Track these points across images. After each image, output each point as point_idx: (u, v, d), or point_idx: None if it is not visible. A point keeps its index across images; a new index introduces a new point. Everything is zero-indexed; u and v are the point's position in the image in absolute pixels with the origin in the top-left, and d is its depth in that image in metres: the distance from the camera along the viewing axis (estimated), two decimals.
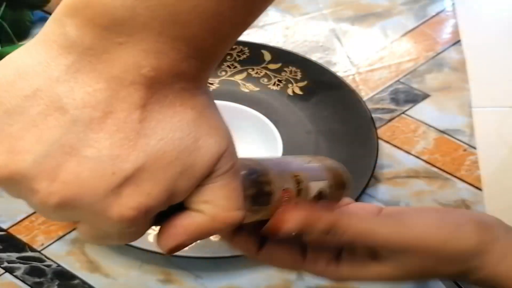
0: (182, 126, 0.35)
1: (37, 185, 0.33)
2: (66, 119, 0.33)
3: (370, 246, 0.46)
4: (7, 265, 0.66)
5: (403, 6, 0.93)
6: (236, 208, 0.37)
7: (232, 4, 0.33)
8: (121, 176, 0.33)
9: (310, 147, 0.75)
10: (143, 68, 0.33)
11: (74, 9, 0.33)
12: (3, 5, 0.84)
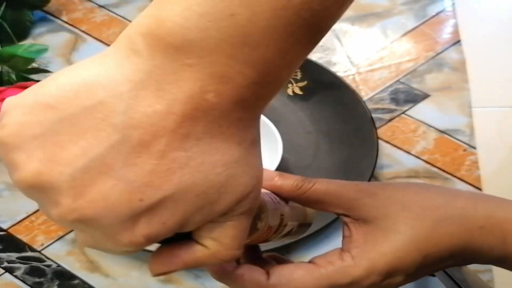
0: (223, 162, 0.34)
1: (62, 199, 0.33)
2: (116, 138, 0.33)
3: None
4: (7, 265, 0.66)
5: (403, 6, 0.93)
6: (238, 248, 0.37)
7: (303, 23, 0.33)
8: (147, 204, 0.33)
9: (310, 147, 0.75)
10: (208, 93, 0.33)
11: (147, 27, 0.33)
12: (3, 5, 0.84)
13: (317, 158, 0.74)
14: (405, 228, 0.45)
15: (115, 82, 0.33)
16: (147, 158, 0.33)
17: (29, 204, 0.71)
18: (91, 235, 0.36)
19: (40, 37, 0.87)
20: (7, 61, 0.77)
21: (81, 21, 0.89)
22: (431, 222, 0.45)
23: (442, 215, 0.46)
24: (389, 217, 0.45)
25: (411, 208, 0.46)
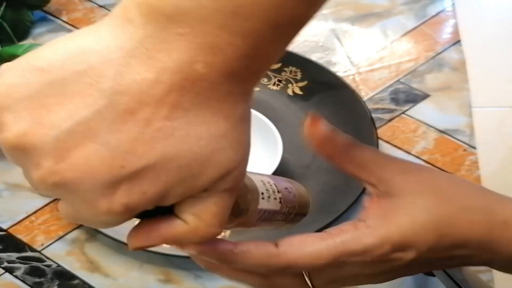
0: (209, 135, 0.34)
1: (44, 161, 0.33)
2: (102, 103, 0.33)
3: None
4: (7, 265, 0.66)
5: (403, 6, 0.93)
6: (219, 225, 0.37)
7: None
8: (128, 171, 0.33)
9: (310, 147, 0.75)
10: (197, 63, 0.33)
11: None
12: (3, 5, 0.84)
13: (317, 158, 0.74)
14: (428, 206, 0.44)
15: (107, 49, 0.33)
16: (132, 125, 0.33)
17: (29, 204, 0.71)
18: (71, 203, 0.35)
19: (40, 37, 0.87)
20: (7, 61, 0.76)
21: (81, 21, 0.89)
22: (455, 206, 0.45)
23: (468, 203, 0.45)
24: (415, 194, 0.44)
25: (441, 191, 0.45)
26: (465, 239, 0.45)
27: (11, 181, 0.73)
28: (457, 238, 0.45)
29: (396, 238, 0.43)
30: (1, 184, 0.73)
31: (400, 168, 0.46)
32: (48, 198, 0.71)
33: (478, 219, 0.45)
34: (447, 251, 0.45)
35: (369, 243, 0.42)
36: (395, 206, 0.44)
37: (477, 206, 0.45)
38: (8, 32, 0.83)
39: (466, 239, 0.45)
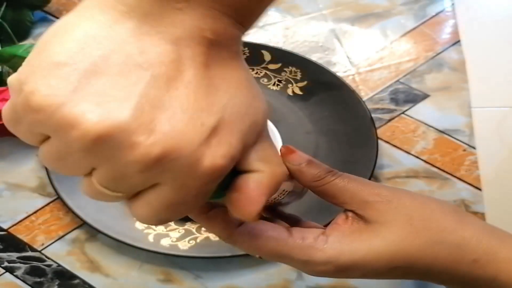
0: (243, 84, 0.37)
1: (137, 138, 0.33)
2: (147, 75, 0.33)
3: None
4: (8, 265, 0.66)
5: (402, 6, 0.93)
6: (282, 164, 0.40)
7: None
8: (208, 127, 0.34)
9: (310, 147, 0.75)
10: (205, 31, 0.35)
11: None
12: (3, 5, 0.84)
13: (317, 158, 0.73)
14: (393, 237, 0.43)
15: (113, 31, 0.34)
16: (184, 89, 0.34)
17: (30, 204, 0.71)
18: (171, 182, 0.35)
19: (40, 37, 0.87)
20: (7, 61, 0.77)
21: None
22: (424, 241, 0.43)
23: (440, 238, 0.44)
24: (389, 225, 0.44)
25: (416, 223, 0.44)
26: (421, 271, 0.44)
27: (11, 181, 0.73)
28: (412, 271, 0.44)
29: (343, 261, 0.43)
30: (2, 184, 0.73)
31: (381, 195, 0.45)
32: (48, 198, 0.71)
33: (443, 256, 0.44)
34: (397, 277, 0.44)
35: (313, 258, 0.43)
36: (365, 231, 0.44)
37: (451, 241, 0.44)
38: (9, 32, 0.83)
39: (422, 272, 0.44)
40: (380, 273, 0.44)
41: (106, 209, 0.68)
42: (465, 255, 0.44)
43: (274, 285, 0.65)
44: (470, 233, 0.44)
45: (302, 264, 0.43)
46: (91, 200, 0.70)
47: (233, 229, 0.43)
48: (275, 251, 0.43)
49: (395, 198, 0.45)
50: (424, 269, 0.44)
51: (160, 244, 0.65)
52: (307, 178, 0.45)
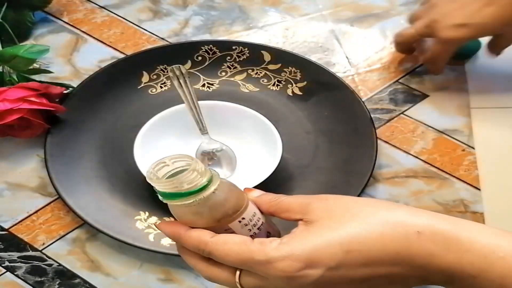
0: None
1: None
2: None
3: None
4: (8, 264, 0.66)
5: (402, 7, 0.93)
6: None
7: None
8: None
9: (310, 147, 0.75)
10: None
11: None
12: (4, 6, 0.84)
13: (316, 158, 0.74)
14: (337, 225, 0.46)
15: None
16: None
17: (30, 204, 0.71)
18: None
19: (41, 38, 0.88)
20: (8, 62, 0.77)
21: (82, 22, 0.90)
22: (366, 223, 0.46)
23: (380, 219, 0.46)
24: (326, 218, 0.47)
25: (354, 211, 0.47)
26: (378, 254, 0.45)
27: (12, 180, 0.73)
28: (368, 254, 0.45)
29: (298, 253, 0.45)
30: (3, 184, 0.73)
31: (318, 197, 0.49)
32: (48, 198, 0.72)
33: (389, 233, 0.45)
34: (361, 269, 0.45)
35: (271, 256, 0.46)
36: (312, 229, 0.47)
37: (389, 219, 0.46)
38: (10, 33, 0.83)
39: (380, 255, 0.45)
40: (341, 264, 0.45)
41: (106, 209, 0.69)
42: (407, 228, 0.45)
43: None
44: (404, 211, 0.47)
45: (263, 264, 0.46)
46: (92, 200, 0.71)
47: (207, 239, 0.48)
48: (239, 254, 0.47)
49: (330, 197, 0.49)
50: (377, 253, 0.45)
51: (161, 244, 0.66)
52: (265, 202, 0.51)
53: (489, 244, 0.44)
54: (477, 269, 0.44)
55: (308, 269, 0.45)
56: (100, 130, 0.76)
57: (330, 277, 0.45)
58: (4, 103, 0.71)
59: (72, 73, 0.84)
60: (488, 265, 0.44)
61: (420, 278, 0.46)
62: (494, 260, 0.44)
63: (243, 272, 0.47)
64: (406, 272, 0.45)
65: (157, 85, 0.81)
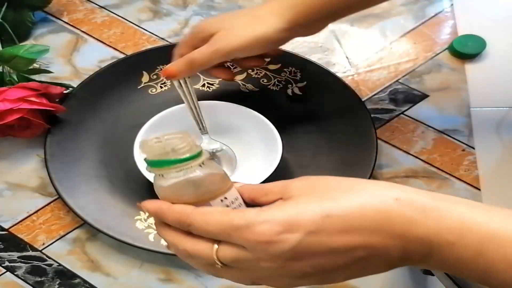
0: None
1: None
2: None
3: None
4: (8, 264, 0.66)
5: (402, 7, 0.93)
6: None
7: None
8: None
9: (309, 147, 0.75)
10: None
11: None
12: (4, 6, 0.84)
13: (316, 158, 0.74)
14: (317, 197, 0.46)
15: None
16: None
17: (30, 204, 0.71)
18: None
19: (41, 38, 0.88)
20: (8, 62, 0.77)
21: (82, 22, 0.90)
22: (346, 194, 0.46)
23: (360, 190, 0.46)
24: (311, 193, 0.47)
25: (333, 185, 0.47)
26: (358, 221, 0.45)
27: (12, 180, 0.73)
28: (348, 219, 0.45)
29: (278, 216, 0.45)
30: (3, 184, 0.73)
31: (299, 178, 0.49)
32: (49, 198, 0.72)
33: (369, 201, 0.45)
34: (341, 236, 0.45)
35: (251, 219, 0.45)
36: (289, 201, 0.47)
37: (367, 191, 0.46)
38: (10, 33, 0.83)
39: (359, 221, 0.45)
40: (321, 228, 0.45)
41: (106, 209, 0.69)
42: (385, 195, 0.46)
43: None
44: (381, 184, 0.47)
45: (242, 228, 0.45)
46: (92, 200, 0.70)
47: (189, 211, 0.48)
48: (219, 221, 0.46)
49: (312, 176, 0.49)
50: (355, 218, 0.45)
51: (161, 244, 0.66)
52: (247, 189, 0.51)
53: (466, 212, 0.45)
54: (455, 235, 0.44)
55: (287, 233, 0.45)
56: (100, 130, 0.76)
57: (309, 243, 0.45)
58: (4, 103, 0.71)
59: (72, 73, 0.84)
60: (465, 230, 0.44)
61: (399, 251, 0.45)
62: (472, 225, 0.44)
63: (221, 244, 0.47)
64: (385, 242, 0.45)
65: (157, 85, 0.81)
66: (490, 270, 0.43)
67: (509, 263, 0.43)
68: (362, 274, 0.47)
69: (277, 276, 0.46)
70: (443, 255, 0.44)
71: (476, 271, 0.44)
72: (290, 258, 0.45)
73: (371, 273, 0.47)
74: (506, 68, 0.85)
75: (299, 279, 0.46)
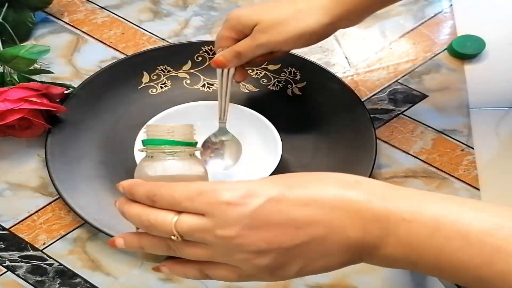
0: None
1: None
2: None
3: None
4: (9, 264, 0.66)
5: (401, 7, 0.93)
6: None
7: None
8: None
9: (309, 147, 0.75)
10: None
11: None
12: (5, 6, 0.84)
13: (316, 158, 0.75)
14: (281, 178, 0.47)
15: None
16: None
17: (31, 204, 0.71)
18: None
19: (42, 38, 0.88)
20: (9, 62, 0.77)
21: (83, 22, 0.90)
22: (307, 176, 0.48)
23: (325, 175, 0.48)
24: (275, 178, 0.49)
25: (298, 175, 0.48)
26: (320, 195, 0.46)
27: (13, 180, 0.73)
28: (310, 192, 0.46)
29: (243, 184, 0.46)
30: (3, 184, 0.73)
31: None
32: (49, 198, 0.72)
33: (331, 181, 0.47)
34: (303, 208, 0.45)
35: (216, 185, 0.46)
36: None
37: (331, 175, 0.47)
38: (10, 33, 0.83)
39: (321, 196, 0.45)
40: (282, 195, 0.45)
41: (107, 209, 0.69)
42: (346, 178, 0.47)
43: (274, 284, 0.65)
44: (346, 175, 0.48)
45: (208, 192, 0.46)
46: (92, 200, 0.71)
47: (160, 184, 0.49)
48: (186, 187, 0.47)
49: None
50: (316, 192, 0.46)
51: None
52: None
53: (425, 194, 0.46)
54: (413, 212, 0.45)
55: (249, 198, 0.45)
56: (100, 130, 0.76)
57: (269, 210, 0.45)
58: (5, 103, 0.71)
59: (73, 74, 0.84)
60: (423, 208, 0.45)
61: (357, 230, 0.45)
62: (429, 204, 0.45)
63: (181, 215, 0.47)
64: (343, 220, 0.45)
65: (158, 85, 0.81)
66: (445, 248, 0.43)
67: (463, 238, 0.43)
68: (317, 264, 0.46)
69: (231, 252, 0.46)
70: (399, 235, 0.45)
71: (430, 250, 0.44)
72: (248, 225, 0.45)
73: (327, 265, 0.47)
74: (505, 68, 0.85)
75: (252, 257, 0.46)
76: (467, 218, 0.44)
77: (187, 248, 0.48)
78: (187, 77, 0.82)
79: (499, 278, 0.42)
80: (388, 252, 0.45)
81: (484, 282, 0.43)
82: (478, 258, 0.43)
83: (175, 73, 0.82)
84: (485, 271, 0.43)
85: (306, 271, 0.47)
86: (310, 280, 0.65)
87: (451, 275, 0.44)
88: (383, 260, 0.46)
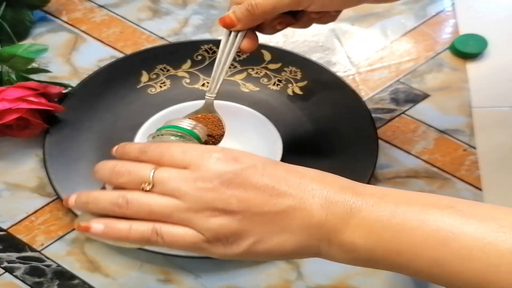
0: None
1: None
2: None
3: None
4: (7, 265, 0.66)
5: (403, 6, 0.93)
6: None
7: None
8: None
9: (310, 147, 0.75)
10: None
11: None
12: (3, 5, 0.84)
13: (316, 158, 0.74)
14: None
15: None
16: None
17: (29, 204, 0.71)
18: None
19: (40, 37, 0.87)
20: (7, 61, 0.77)
21: (81, 21, 0.90)
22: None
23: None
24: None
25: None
26: (298, 175, 0.47)
27: (11, 181, 0.73)
28: (290, 172, 0.48)
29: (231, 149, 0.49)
30: (1, 184, 0.73)
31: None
32: (47, 198, 0.71)
33: (310, 170, 0.49)
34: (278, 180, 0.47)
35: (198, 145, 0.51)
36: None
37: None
38: (8, 32, 0.83)
39: (299, 176, 0.47)
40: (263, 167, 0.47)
41: None
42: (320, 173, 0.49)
43: (273, 285, 0.65)
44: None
45: (200, 147, 0.49)
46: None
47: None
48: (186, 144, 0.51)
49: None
50: (299, 170, 0.49)
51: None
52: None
53: (392, 189, 0.48)
54: (376, 198, 0.46)
55: (235, 161, 0.47)
56: (99, 130, 0.76)
57: (252, 172, 0.47)
58: (3, 103, 0.71)
59: (71, 73, 0.83)
60: (385, 194, 0.46)
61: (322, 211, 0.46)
62: (393, 192, 0.47)
63: (163, 166, 0.48)
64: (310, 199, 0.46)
65: (157, 84, 0.81)
66: (404, 230, 0.44)
67: (423, 221, 0.44)
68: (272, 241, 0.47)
69: (199, 206, 0.46)
70: (361, 217, 0.45)
71: (389, 231, 0.44)
72: (228, 180, 0.46)
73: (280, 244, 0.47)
74: (507, 67, 0.85)
75: (217, 215, 0.46)
76: (427, 200, 0.46)
77: (150, 197, 0.47)
78: (186, 76, 0.82)
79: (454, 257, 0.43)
80: (347, 237, 0.46)
81: (439, 264, 0.43)
82: (434, 239, 0.43)
83: (174, 72, 0.82)
84: (440, 251, 0.43)
85: (257, 248, 0.47)
86: (311, 281, 0.65)
87: (409, 261, 0.44)
88: (340, 249, 0.46)
